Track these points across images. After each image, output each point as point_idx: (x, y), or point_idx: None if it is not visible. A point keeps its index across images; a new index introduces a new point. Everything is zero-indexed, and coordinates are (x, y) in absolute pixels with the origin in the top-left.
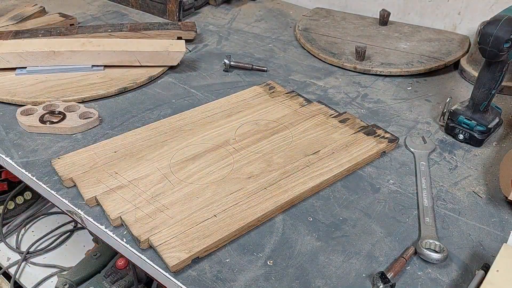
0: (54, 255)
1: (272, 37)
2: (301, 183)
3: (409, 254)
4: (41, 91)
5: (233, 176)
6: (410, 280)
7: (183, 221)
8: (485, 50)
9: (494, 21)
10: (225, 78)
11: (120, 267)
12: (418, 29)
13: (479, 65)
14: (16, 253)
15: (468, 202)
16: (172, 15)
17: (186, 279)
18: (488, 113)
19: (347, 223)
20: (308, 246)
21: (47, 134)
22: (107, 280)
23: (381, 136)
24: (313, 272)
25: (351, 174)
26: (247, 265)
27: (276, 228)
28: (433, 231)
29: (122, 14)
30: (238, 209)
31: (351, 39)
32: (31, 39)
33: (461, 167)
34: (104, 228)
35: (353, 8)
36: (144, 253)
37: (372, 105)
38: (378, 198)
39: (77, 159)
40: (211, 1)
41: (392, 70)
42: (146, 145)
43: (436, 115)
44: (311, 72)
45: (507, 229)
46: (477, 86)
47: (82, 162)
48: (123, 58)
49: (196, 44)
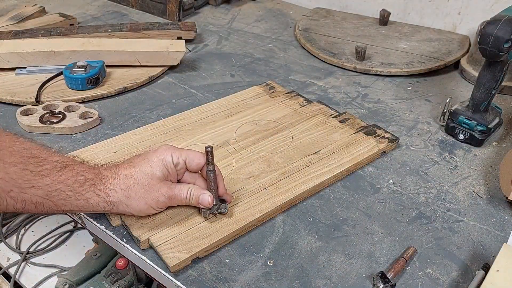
0: (54, 255)
1: (272, 37)
2: (301, 183)
3: (409, 254)
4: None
5: (233, 176)
6: (410, 280)
7: (183, 221)
8: (485, 50)
9: (494, 21)
10: (225, 78)
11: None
12: (418, 29)
13: (479, 65)
14: (16, 253)
15: (468, 202)
16: (172, 15)
17: (186, 279)
18: (488, 113)
19: (347, 223)
20: (308, 246)
21: (47, 134)
22: (107, 280)
23: (381, 136)
24: (313, 272)
25: (351, 174)
26: (247, 265)
27: (276, 228)
28: None
29: (122, 14)
30: (238, 209)
31: (351, 39)
32: (31, 39)
33: (461, 167)
34: (104, 228)
35: (353, 8)
36: (144, 253)
37: (372, 105)
38: (378, 198)
39: None
40: (211, 1)
41: (392, 70)
42: (146, 145)
43: (436, 115)
44: (311, 72)
45: (507, 229)
46: (477, 86)
47: None
48: (123, 58)
49: (196, 44)
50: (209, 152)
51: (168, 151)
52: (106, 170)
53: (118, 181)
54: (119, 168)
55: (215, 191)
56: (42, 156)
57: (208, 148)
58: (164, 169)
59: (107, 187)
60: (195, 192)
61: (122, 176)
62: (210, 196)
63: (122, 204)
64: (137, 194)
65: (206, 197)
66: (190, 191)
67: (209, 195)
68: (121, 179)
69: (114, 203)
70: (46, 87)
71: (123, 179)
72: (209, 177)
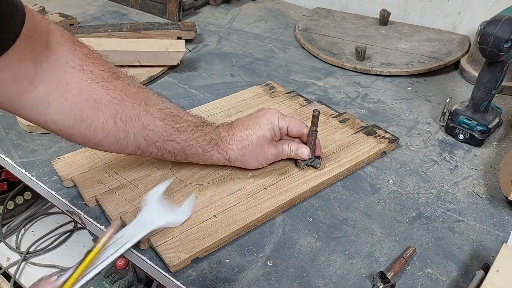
0: (54, 255)
1: (272, 37)
2: (301, 183)
3: (409, 254)
4: None
5: (233, 176)
6: (410, 280)
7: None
8: (485, 50)
9: (494, 21)
10: (225, 78)
11: (120, 267)
12: (418, 29)
13: (479, 65)
14: (16, 253)
15: (468, 202)
16: (172, 15)
17: (186, 279)
18: (488, 113)
19: (347, 223)
20: (308, 247)
21: (47, 134)
22: (107, 280)
23: (381, 136)
24: (313, 273)
25: (351, 174)
26: (247, 265)
27: (276, 229)
28: None
29: (122, 14)
30: (238, 209)
31: (351, 39)
32: None
33: (461, 167)
34: (104, 228)
35: (353, 8)
36: (144, 253)
37: (372, 105)
38: (378, 198)
39: (77, 159)
40: (211, 1)
41: (392, 70)
42: None
43: (436, 115)
44: (311, 72)
45: (507, 229)
46: (477, 86)
47: (82, 162)
48: (123, 58)
49: (196, 44)
50: (316, 115)
51: (275, 116)
52: (224, 131)
53: (235, 142)
54: (235, 130)
55: (313, 148)
56: (180, 115)
57: (315, 112)
58: (272, 131)
59: (227, 147)
60: (294, 146)
61: (239, 138)
62: (308, 149)
63: (238, 161)
64: (250, 153)
65: (305, 150)
66: (290, 146)
67: (307, 148)
68: (237, 140)
69: (232, 160)
70: None
71: (239, 140)
72: (310, 136)
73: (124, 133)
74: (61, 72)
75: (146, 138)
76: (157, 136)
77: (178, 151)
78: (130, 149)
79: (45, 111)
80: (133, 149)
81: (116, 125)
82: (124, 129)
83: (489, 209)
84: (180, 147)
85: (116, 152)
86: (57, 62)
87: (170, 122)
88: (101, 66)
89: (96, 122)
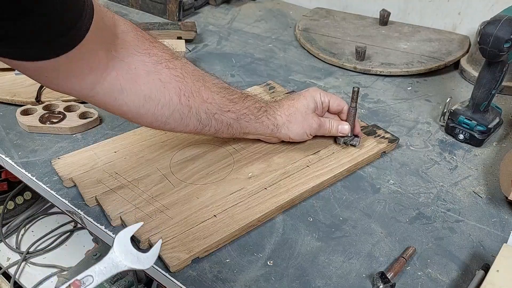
0: (54, 255)
1: (272, 37)
2: (301, 183)
3: (409, 254)
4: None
5: (233, 176)
6: (410, 280)
7: (183, 221)
8: (485, 50)
9: (494, 21)
10: (225, 78)
11: None
12: (418, 29)
13: (479, 65)
14: (16, 253)
15: (468, 202)
16: (172, 15)
17: (186, 279)
18: (488, 113)
19: (347, 223)
20: (308, 246)
21: (47, 134)
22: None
23: (381, 136)
24: (313, 272)
25: (351, 174)
26: (247, 265)
27: (276, 229)
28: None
29: (122, 14)
30: (238, 209)
31: (351, 39)
32: None
33: (461, 167)
34: (104, 228)
35: (353, 8)
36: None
37: (372, 105)
38: (378, 198)
39: (77, 159)
40: (211, 1)
41: (392, 70)
42: (146, 145)
43: (436, 115)
44: (311, 72)
45: (507, 229)
46: (477, 86)
47: (82, 162)
48: None
49: (196, 44)
50: (355, 91)
51: (317, 91)
52: (271, 102)
53: (282, 109)
54: (281, 100)
55: (352, 125)
56: (231, 88)
57: (355, 88)
58: (315, 103)
59: (275, 113)
60: (334, 123)
61: (285, 106)
62: (348, 125)
63: (285, 127)
64: (296, 120)
65: (346, 126)
66: (331, 122)
67: (347, 124)
68: (284, 108)
69: (279, 125)
70: (46, 87)
71: (286, 108)
72: (350, 113)
73: (188, 108)
74: (129, 58)
75: (206, 111)
76: (215, 108)
77: (234, 121)
78: (192, 125)
79: (118, 95)
80: (195, 124)
81: (180, 101)
82: (187, 104)
83: (489, 209)
84: (235, 117)
85: (179, 130)
86: (124, 49)
87: (225, 95)
88: (161, 49)
89: (163, 100)
